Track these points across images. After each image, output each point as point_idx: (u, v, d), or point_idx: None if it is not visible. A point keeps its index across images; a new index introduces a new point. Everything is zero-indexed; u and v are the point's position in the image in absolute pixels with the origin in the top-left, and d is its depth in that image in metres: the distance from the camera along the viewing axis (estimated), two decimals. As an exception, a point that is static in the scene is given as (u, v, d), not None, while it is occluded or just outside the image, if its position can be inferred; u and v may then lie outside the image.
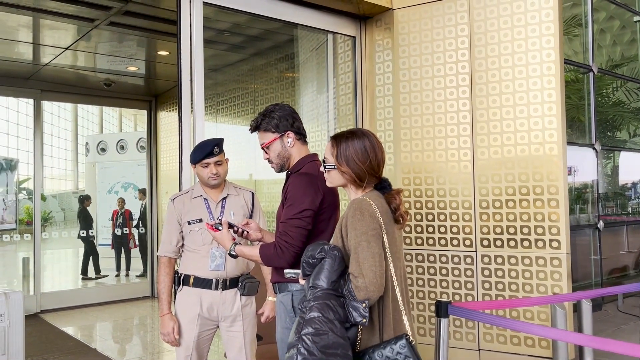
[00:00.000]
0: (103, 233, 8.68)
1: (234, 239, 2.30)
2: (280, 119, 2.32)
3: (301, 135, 2.37)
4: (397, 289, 1.96)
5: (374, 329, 1.89)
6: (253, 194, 2.88)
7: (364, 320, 1.80)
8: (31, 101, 7.21)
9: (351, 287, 1.81)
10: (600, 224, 6.16)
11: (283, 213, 2.22)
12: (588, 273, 6.19)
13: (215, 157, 2.68)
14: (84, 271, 8.40)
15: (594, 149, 6.12)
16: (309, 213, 2.17)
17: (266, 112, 2.35)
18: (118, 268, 8.61)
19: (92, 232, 8.41)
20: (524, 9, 3.90)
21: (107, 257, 8.57)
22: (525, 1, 3.89)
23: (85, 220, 8.45)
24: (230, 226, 2.33)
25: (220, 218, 2.62)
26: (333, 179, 2.06)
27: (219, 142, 2.70)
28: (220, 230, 2.30)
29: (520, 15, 3.91)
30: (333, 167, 2.02)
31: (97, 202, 9.09)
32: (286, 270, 2.09)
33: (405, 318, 1.95)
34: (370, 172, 2.00)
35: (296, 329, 1.81)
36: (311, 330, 1.76)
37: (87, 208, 8.61)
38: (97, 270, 8.42)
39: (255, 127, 2.37)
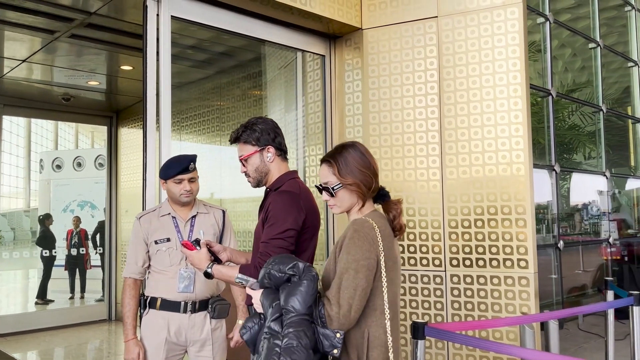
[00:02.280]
0: (58, 253, 8.31)
1: (212, 259, 2.20)
2: (262, 132, 2.24)
3: (282, 152, 2.30)
4: (388, 322, 1.83)
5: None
6: (224, 213, 2.79)
7: (336, 351, 1.68)
8: (-18, 115, 6.90)
9: (322, 313, 1.69)
10: (561, 244, 6.29)
11: (264, 232, 2.13)
12: (549, 292, 6.30)
13: (190, 174, 2.59)
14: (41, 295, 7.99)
15: (554, 170, 6.28)
16: (292, 233, 2.08)
17: (248, 124, 2.28)
18: (72, 290, 8.25)
19: (48, 253, 8.00)
20: (490, 32, 3.98)
21: (60, 278, 8.19)
22: (492, 25, 3.97)
23: (46, 241, 8.06)
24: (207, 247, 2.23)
25: (197, 239, 2.51)
26: (342, 201, 1.91)
27: (193, 158, 2.61)
28: (199, 249, 2.19)
29: (487, 38, 3.98)
30: (340, 186, 1.88)
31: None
32: (238, 275, 1.93)
33: (391, 355, 1.82)
34: (374, 178, 1.91)
35: (270, 356, 1.66)
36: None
37: (50, 227, 8.24)
38: (44, 294, 8.01)
39: (236, 139, 2.29)
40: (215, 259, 2.26)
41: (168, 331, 2.55)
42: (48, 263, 7.99)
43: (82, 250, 8.14)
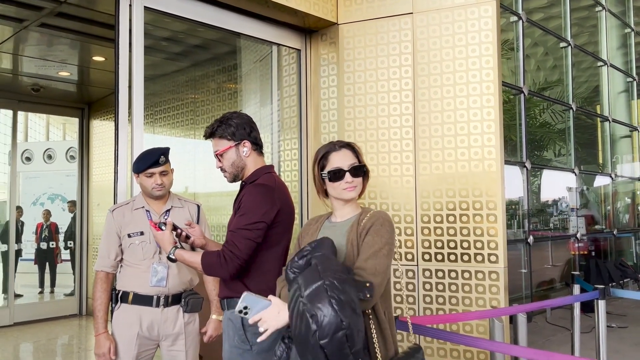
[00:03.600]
0: (26, 247, 8.12)
1: (175, 243, 2.19)
2: (237, 127, 2.23)
3: (257, 146, 2.29)
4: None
5: (387, 340, 1.87)
6: (199, 207, 2.77)
7: (369, 295, 1.69)
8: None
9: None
10: (531, 239, 6.42)
11: (234, 222, 2.12)
12: (518, 286, 6.43)
13: (161, 167, 2.56)
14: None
15: (525, 167, 6.40)
16: (262, 226, 2.08)
17: (223, 118, 2.26)
18: (42, 285, 8.07)
19: (16, 246, 7.78)
20: (464, 29, 4.02)
21: (29, 272, 8.02)
22: (466, 22, 4.01)
23: (9, 234, 7.85)
24: (174, 228, 2.22)
25: (166, 218, 2.50)
26: (360, 185, 1.99)
27: (165, 151, 2.58)
28: (163, 230, 2.18)
29: (461, 36, 4.03)
30: (365, 169, 1.99)
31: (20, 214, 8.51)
32: (242, 302, 1.68)
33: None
34: None
35: (314, 275, 1.56)
36: (331, 274, 1.56)
37: (21, 219, 8.03)
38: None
39: (211, 134, 2.27)
40: (187, 238, 2.26)
41: (140, 326, 2.52)
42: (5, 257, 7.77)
43: (52, 244, 7.97)
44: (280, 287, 1.94)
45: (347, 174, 1.93)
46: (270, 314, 1.67)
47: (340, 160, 1.95)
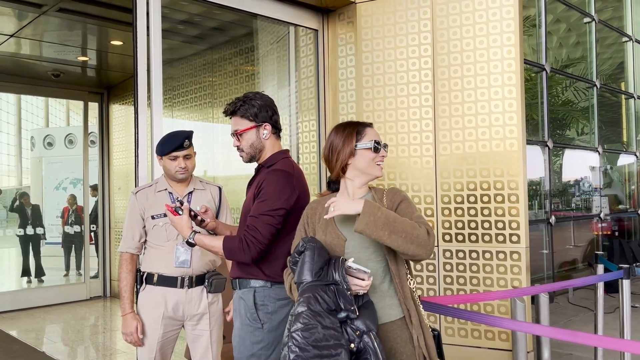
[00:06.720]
0: (51, 231, 8.27)
1: (193, 228, 2.21)
2: (260, 109, 2.22)
3: (277, 129, 2.29)
4: None
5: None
6: (220, 189, 2.78)
7: (353, 308, 1.74)
8: (-29, 92, 6.84)
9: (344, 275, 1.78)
10: (552, 219, 6.35)
11: (254, 207, 2.12)
12: (540, 267, 6.38)
13: (185, 151, 2.57)
14: (25, 272, 7.99)
15: (547, 146, 6.31)
16: (282, 212, 2.09)
17: (246, 98, 2.24)
18: (67, 268, 8.25)
19: (23, 232, 7.93)
20: (485, 5, 3.94)
21: (55, 256, 8.18)
22: (487, -2, 3.93)
23: (23, 218, 8.02)
24: (191, 212, 2.24)
25: (180, 201, 2.51)
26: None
27: (189, 135, 2.59)
28: (180, 215, 2.20)
29: (481, 12, 3.95)
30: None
31: (43, 198, 8.67)
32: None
33: None
34: None
35: (287, 327, 1.77)
36: (300, 326, 1.69)
37: (33, 204, 8.18)
38: (37, 273, 7.99)
39: (232, 112, 2.25)
40: (202, 221, 2.29)
41: (165, 306, 2.56)
42: (30, 241, 7.93)
43: (78, 228, 8.09)
44: (289, 281, 1.98)
45: (383, 149, 2.01)
46: (344, 199, 1.86)
47: (377, 135, 2.04)
